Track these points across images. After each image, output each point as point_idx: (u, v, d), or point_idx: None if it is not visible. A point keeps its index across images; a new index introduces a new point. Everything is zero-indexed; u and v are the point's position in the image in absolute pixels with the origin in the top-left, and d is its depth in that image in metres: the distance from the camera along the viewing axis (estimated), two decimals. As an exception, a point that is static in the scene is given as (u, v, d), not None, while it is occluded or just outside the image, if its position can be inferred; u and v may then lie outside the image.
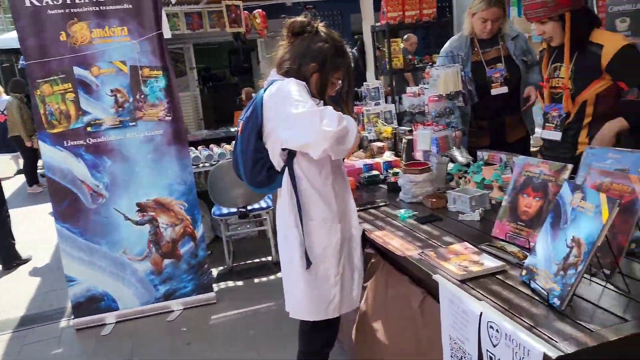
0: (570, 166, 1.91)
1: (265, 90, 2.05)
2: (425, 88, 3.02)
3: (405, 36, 8.19)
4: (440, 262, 1.85)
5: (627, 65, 2.34)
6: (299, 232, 2.08)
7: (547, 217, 1.75)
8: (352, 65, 2.26)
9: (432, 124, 3.06)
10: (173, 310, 3.83)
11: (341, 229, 2.14)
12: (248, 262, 4.70)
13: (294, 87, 1.97)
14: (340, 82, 2.17)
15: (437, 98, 2.90)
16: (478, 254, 1.89)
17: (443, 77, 2.79)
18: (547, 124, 2.63)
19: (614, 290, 1.58)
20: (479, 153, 2.96)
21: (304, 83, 2.03)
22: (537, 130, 4.15)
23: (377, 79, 6.35)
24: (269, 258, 4.65)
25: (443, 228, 2.28)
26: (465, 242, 2.03)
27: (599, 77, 2.39)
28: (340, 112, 1.92)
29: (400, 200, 2.80)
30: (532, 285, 1.62)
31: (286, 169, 2.07)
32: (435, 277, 1.79)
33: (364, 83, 4.40)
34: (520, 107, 3.30)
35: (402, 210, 2.56)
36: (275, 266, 4.44)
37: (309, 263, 2.10)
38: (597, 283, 1.63)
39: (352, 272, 2.23)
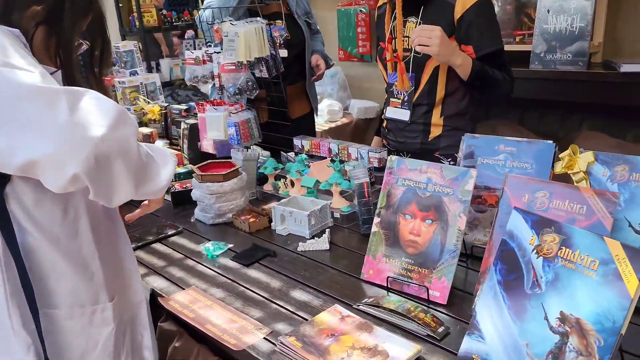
0: (475, 172, 1.30)
1: None
2: (216, 52, 2.11)
3: (152, -10, 6.90)
4: (317, 363, 1.06)
5: (480, 23, 1.79)
6: (29, 333, 1.03)
7: (490, 268, 1.11)
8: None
9: (223, 103, 2.20)
10: None
11: (115, 310, 1.16)
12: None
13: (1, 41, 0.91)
14: (85, 41, 1.15)
15: (233, 67, 2.03)
16: (368, 330, 1.15)
17: (244, 37, 1.93)
18: (392, 99, 2.01)
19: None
20: (296, 141, 2.22)
21: (19, 32, 0.97)
22: (321, 106, 3.64)
23: (123, 39, 5.06)
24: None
25: (283, 272, 1.48)
26: (337, 305, 1.27)
27: (452, 34, 1.84)
28: (115, 102, 0.93)
29: (197, 222, 1.89)
30: (487, 392, 0.96)
31: None
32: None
33: (112, 45, 3.22)
34: (307, 77, 2.73)
35: (209, 244, 1.66)
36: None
37: (55, 389, 1.08)
38: None
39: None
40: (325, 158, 2.04)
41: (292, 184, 1.99)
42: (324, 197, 1.87)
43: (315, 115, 2.95)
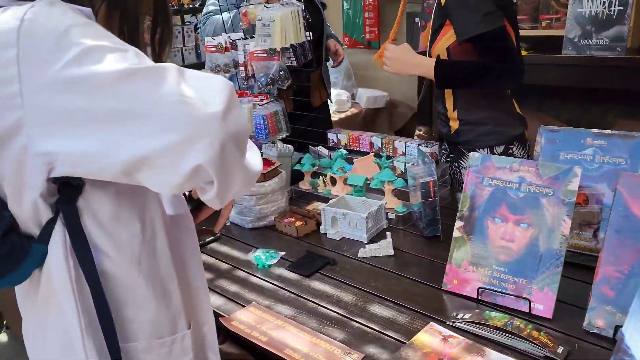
0: (579, 170, 1.17)
1: None
2: (243, 38, 1.93)
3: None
4: (437, 396, 0.92)
5: (456, 9, 1.63)
6: None
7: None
8: None
9: (246, 94, 2.03)
10: None
11: (193, 337, 0.99)
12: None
13: (71, 17, 0.73)
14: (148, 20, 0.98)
15: (265, 54, 1.85)
16: (480, 353, 1.02)
17: (280, 22, 1.75)
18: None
19: None
20: (331, 134, 2.06)
21: (90, 12, 0.79)
22: (334, 92, 3.50)
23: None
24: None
25: (350, 283, 1.33)
26: (433, 323, 1.13)
27: (445, 22, 1.70)
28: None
29: (232, 225, 1.72)
30: None
31: (56, 229, 0.79)
32: None
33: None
34: (323, 62, 2.58)
35: (259, 252, 1.49)
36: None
37: None
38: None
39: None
40: (368, 153, 1.89)
41: (333, 181, 1.84)
42: (370, 196, 1.72)
43: (329, 102, 2.80)
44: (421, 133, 3.08)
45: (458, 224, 1.27)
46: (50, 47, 0.69)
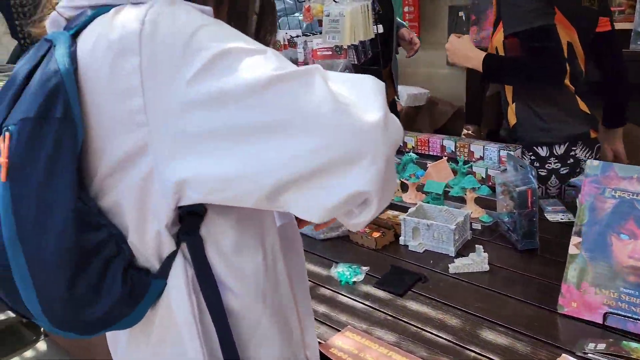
0: None
1: (70, 38, 0.62)
2: (305, 35, 1.81)
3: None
4: None
5: (504, 4, 1.62)
6: None
7: None
8: None
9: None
10: None
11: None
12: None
13: (196, 18, 0.61)
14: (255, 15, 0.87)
15: (330, 52, 1.73)
16: (630, 392, 0.90)
17: (349, 17, 1.63)
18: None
19: None
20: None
21: (210, 10, 0.67)
22: (402, 89, 3.36)
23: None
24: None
25: (450, 304, 1.21)
26: (565, 355, 1.01)
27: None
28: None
29: (302, 236, 1.60)
30: None
31: (177, 262, 0.68)
32: None
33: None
34: (393, 56, 2.43)
35: (341, 267, 1.38)
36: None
37: None
38: None
39: None
40: (438, 157, 1.77)
41: (404, 187, 1.72)
42: (446, 204, 1.60)
43: (396, 99, 2.67)
44: (469, 132, 2.96)
45: (575, 239, 1.15)
46: (178, 53, 0.57)
